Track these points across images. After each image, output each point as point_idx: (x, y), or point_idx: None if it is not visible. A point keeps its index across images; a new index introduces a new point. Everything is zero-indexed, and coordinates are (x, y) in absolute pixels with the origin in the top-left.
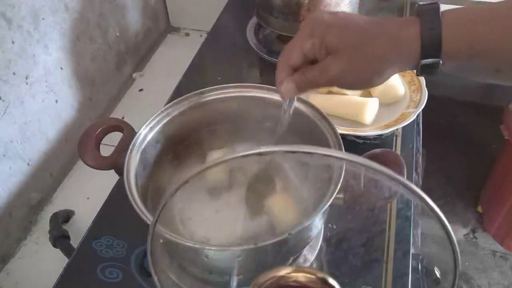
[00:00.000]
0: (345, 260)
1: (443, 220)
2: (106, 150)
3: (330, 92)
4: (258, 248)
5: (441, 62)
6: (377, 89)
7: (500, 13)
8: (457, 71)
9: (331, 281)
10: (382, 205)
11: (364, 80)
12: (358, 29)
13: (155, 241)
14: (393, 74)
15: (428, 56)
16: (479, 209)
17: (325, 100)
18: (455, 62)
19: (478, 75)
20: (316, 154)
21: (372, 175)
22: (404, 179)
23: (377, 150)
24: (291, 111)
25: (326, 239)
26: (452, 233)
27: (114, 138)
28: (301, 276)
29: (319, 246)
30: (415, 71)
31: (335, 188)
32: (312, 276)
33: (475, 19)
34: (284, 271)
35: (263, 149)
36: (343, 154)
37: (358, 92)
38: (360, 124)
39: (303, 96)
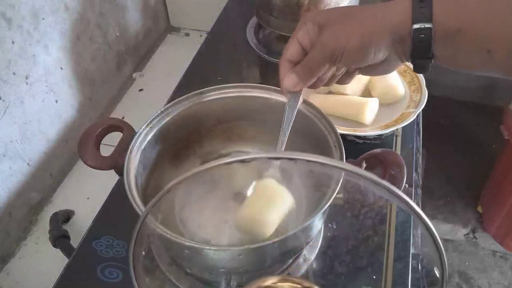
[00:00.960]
0: (345, 260)
1: (430, 228)
2: (106, 150)
3: (330, 92)
4: (257, 248)
5: (433, 30)
6: (377, 89)
7: None
8: (450, 59)
9: None
10: (382, 205)
11: (361, 47)
12: (348, 7)
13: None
14: (388, 49)
15: (419, 19)
16: (479, 209)
17: (325, 100)
18: (445, 36)
19: (470, 59)
20: (299, 160)
21: (356, 180)
22: (386, 183)
23: (377, 150)
24: (294, 113)
25: (325, 239)
26: (438, 238)
27: (114, 138)
28: (287, 286)
29: (319, 246)
30: (413, 71)
31: (335, 188)
32: (298, 286)
33: None
34: (270, 281)
35: (246, 156)
36: (325, 160)
37: (358, 92)
38: (360, 124)
39: (303, 95)
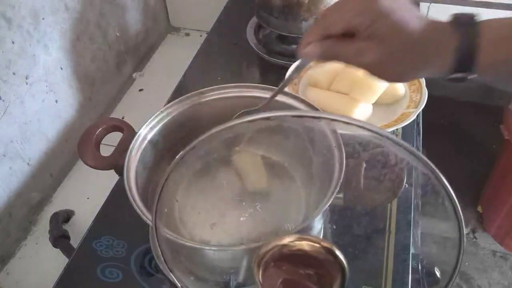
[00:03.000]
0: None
1: (446, 186)
2: (106, 150)
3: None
4: (257, 247)
5: (470, 76)
6: None
7: None
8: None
9: (336, 251)
10: (382, 205)
11: (396, 75)
12: (409, 28)
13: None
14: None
15: (460, 70)
16: (479, 209)
17: (320, 98)
18: (487, 76)
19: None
20: (323, 119)
21: (377, 141)
22: (407, 144)
23: (377, 150)
24: (300, 71)
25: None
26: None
27: (114, 138)
28: (305, 245)
29: None
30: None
31: (335, 188)
32: (317, 245)
33: None
34: (287, 239)
35: (270, 113)
36: (348, 119)
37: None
38: None
39: (301, 94)
